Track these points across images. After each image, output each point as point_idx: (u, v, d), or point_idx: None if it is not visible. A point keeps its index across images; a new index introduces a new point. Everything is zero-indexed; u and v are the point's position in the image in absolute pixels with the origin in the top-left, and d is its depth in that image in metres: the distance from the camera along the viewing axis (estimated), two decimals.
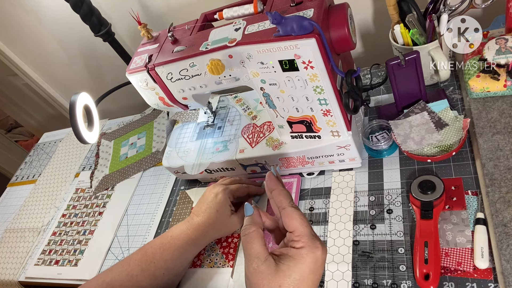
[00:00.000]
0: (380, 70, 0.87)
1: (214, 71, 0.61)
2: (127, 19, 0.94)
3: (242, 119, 0.81)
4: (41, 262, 0.89)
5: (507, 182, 0.55)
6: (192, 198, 0.83)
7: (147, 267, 0.63)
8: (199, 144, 0.81)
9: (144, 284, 0.63)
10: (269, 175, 0.51)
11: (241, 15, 0.64)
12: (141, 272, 0.63)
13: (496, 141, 0.60)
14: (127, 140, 1.07)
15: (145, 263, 0.63)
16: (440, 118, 0.66)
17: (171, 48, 0.66)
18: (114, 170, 1.01)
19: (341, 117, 0.63)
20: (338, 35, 0.56)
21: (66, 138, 1.24)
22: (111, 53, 1.04)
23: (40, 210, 1.03)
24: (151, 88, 0.70)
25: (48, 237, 0.94)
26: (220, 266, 0.69)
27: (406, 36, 0.70)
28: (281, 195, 0.49)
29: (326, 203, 0.69)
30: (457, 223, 0.57)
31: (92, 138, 0.75)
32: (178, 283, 0.69)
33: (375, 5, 0.89)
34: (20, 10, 1.15)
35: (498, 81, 0.63)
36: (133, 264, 0.64)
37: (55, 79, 1.42)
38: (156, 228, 0.81)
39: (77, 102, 0.71)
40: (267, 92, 0.64)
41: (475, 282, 0.51)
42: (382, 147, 0.69)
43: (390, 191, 0.65)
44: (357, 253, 0.61)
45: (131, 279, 0.62)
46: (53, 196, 1.05)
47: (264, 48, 0.56)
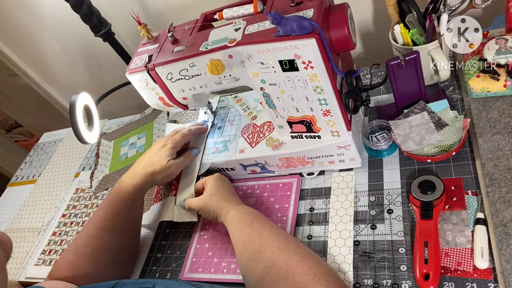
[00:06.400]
0: (380, 70, 0.87)
1: (214, 71, 0.61)
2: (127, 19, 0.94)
3: (242, 119, 0.81)
4: (41, 262, 0.89)
5: (507, 182, 0.55)
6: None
7: (103, 225, 0.69)
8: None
9: (107, 238, 0.69)
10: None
11: (241, 15, 0.64)
12: (99, 231, 0.68)
13: (496, 141, 0.60)
14: (127, 140, 1.07)
15: (100, 222, 0.69)
16: (440, 118, 0.66)
17: (171, 48, 0.66)
18: (114, 170, 1.01)
19: (341, 117, 0.63)
20: (338, 35, 0.56)
21: (66, 138, 1.24)
22: (111, 53, 1.04)
23: (40, 210, 1.03)
24: (151, 88, 0.70)
25: (48, 237, 0.94)
26: (166, 196, 0.79)
27: (406, 36, 0.70)
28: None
29: (326, 203, 0.69)
30: (457, 223, 0.57)
31: (92, 138, 0.75)
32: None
33: (375, 5, 0.89)
34: (20, 10, 1.15)
35: (498, 81, 0.63)
36: (90, 226, 0.69)
37: (55, 79, 1.42)
38: (156, 228, 0.81)
39: (77, 102, 0.71)
40: (267, 92, 0.64)
41: (475, 282, 0.51)
42: (382, 147, 0.69)
43: (390, 191, 0.65)
44: (357, 253, 0.61)
45: (92, 238, 0.68)
46: (53, 196, 1.05)
47: (264, 48, 0.56)
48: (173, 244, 0.77)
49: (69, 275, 0.66)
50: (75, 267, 0.66)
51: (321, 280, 0.50)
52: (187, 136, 0.77)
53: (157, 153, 0.73)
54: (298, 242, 0.57)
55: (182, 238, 0.77)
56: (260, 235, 0.58)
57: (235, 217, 0.63)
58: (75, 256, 0.67)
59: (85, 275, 0.66)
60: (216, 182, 0.70)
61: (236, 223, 0.62)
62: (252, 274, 0.56)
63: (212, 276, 0.68)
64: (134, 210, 0.73)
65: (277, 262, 0.53)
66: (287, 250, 0.55)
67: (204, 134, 0.82)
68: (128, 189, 0.70)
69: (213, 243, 0.73)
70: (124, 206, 0.70)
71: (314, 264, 0.52)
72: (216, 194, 0.68)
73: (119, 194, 0.70)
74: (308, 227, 0.67)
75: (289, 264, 0.53)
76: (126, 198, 0.70)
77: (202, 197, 0.69)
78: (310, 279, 0.50)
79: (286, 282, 0.51)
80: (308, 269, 0.51)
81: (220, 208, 0.66)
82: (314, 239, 0.65)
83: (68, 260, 0.67)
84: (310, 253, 0.55)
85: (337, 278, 0.52)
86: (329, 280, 0.50)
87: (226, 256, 0.70)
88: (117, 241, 0.70)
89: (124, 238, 0.72)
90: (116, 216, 0.69)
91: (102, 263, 0.68)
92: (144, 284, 0.51)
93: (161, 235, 0.80)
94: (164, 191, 0.81)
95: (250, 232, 0.59)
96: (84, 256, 0.67)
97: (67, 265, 0.67)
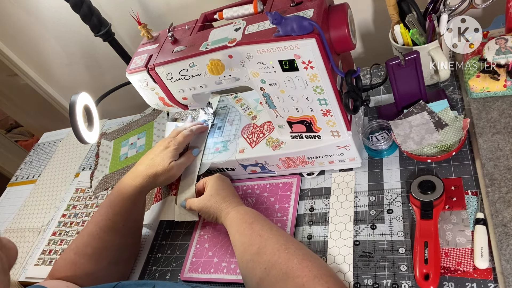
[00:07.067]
0: (380, 70, 0.87)
1: (214, 71, 0.61)
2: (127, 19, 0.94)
3: (242, 119, 0.81)
4: (41, 262, 0.89)
5: (507, 182, 0.55)
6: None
7: (105, 224, 0.69)
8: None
9: (108, 238, 0.69)
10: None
11: (241, 15, 0.64)
12: (100, 230, 0.68)
13: (496, 141, 0.60)
14: (127, 140, 1.07)
15: (101, 221, 0.69)
16: (440, 118, 0.66)
17: (171, 48, 0.66)
18: (114, 170, 1.01)
19: (341, 117, 0.63)
20: (338, 35, 0.56)
21: (66, 138, 1.24)
22: (111, 53, 1.04)
23: (40, 210, 1.03)
24: (151, 88, 0.70)
25: (48, 237, 0.94)
26: (166, 195, 0.79)
27: (406, 36, 0.70)
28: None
29: (326, 203, 0.69)
30: (457, 223, 0.57)
31: (92, 138, 0.75)
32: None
33: (375, 5, 0.89)
34: (20, 10, 1.15)
35: (498, 81, 0.63)
36: (91, 226, 0.70)
37: (55, 79, 1.42)
38: (156, 228, 0.81)
39: (77, 102, 0.71)
40: (267, 92, 0.64)
41: (475, 282, 0.51)
42: (382, 147, 0.69)
43: (390, 191, 0.65)
44: (357, 253, 0.61)
45: (93, 238, 0.68)
46: (53, 196, 1.05)
47: (264, 48, 0.56)
48: (173, 244, 0.77)
49: (70, 274, 0.66)
50: (76, 266, 0.66)
51: (321, 282, 0.50)
52: (189, 137, 0.77)
53: (160, 155, 0.73)
54: (298, 244, 0.57)
55: (182, 238, 0.77)
56: (260, 236, 0.58)
57: (235, 218, 0.63)
58: (76, 255, 0.67)
59: (86, 274, 0.66)
60: (216, 182, 0.71)
61: (236, 224, 0.62)
62: (252, 275, 0.56)
63: (212, 276, 0.68)
64: (135, 210, 0.73)
65: (277, 263, 0.53)
66: (287, 251, 0.54)
67: (204, 133, 0.82)
68: (129, 190, 0.70)
69: (213, 243, 0.73)
70: (126, 206, 0.70)
71: (314, 265, 0.52)
72: (216, 195, 0.68)
73: (120, 194, 0.70)
74: (308, 227, 0.67)
75: (289, 266, 0.52)
76: (128, 199, 0.70)
77: (202, 198, 0.69)
78: (310, 281, 0.50)
79: (286, 283, 0.51)
80: (308, 271, 0.51)
81: (220, 209, 0.66)
82: (314, 239, 0.65)
83: (69, 259, 0.67)
84: (310, 254, 0.55)
85: (337, 280, 0.52)
86: (329, 282, 0.50)
87: (226, 256, 0.70)
88: (118, 241, 0.70)
89: (125, 238, 0.72)
90: (118, 216, 0.69)
91: (103, 262, 0.68)
92: (144, 286, 0.51)
93: (161, 235, 0.80)
94: (164, 190, 0.81)
95: (250, 233, 0.59)
96: (85, 256, 0.67)
97: (68, 264, 0.67)
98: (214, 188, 0.69)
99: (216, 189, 0.69)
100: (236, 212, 0.64)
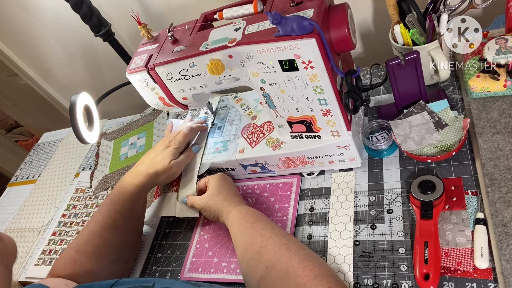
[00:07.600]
0: (380, 70, 0.87)
1: (214, 71, 0.61)
2: (127, 19, 0.94)
3: (242, 119, 0.81)
4: (41, 262, 0.89)
5: (507, 182, 0.55)
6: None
7: (105, 223, 0.69)
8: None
9: (109, 236, 0.69)
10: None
11: (241, 15, 0.64)
12: (101, 228, 0.69)
13: (496, 141, 0.60)
14: (127, 140, 1.07)
15: (102, 219, 0.69)
16: (440, 118, 0.66)
17: (171, 48, 0.66)
18: (114, 170, 1.01)
19: (341, 117, 0.63)
20: (338, 35, 0.56)
21: (66, 138, 1.24)
22: (111, 53, 1.04)
23: (40, 210, 1.03)
24: (151, 88, 0.70)
25: (48, 237, 0.94)
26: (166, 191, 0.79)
27: (406, 36, 0.70)
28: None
29: (326, 203, 0.69)
30: (457, 223, 0.57)
31: (92, 138, 0.75)
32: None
33: (375, 5, 0.89)
34: (20, 10, 1.15)
35: (498, 81, 0.63)
36: (92, 224, 0.70)
37: (55, 79, 1.42)
38: (156, 228, 0.81)
39: (77, 102, 0.71)
40: (267, 92, 0.64)
41: (475, 282, 0.51)
42: (382, 147, 0.69)
43: (390, 191, 0.65)
44: (357, 253, 0.61)
45: (94, 236, 0.68)
46: (53, 196, 1.05)
47: (264, 48, 0.56)
48: (173, 244, 0.77)
49: (70, 272, 0.66)
50: (77, 264, 0.66)
51: (322, 281, 0.50)
52: (189, 135, 0.78)
53: (160, 154, 0.73)
54: (299, 243, 0.57)
55: (182, 238, 0.77)
56: (261, 235, 0.58)
57: (236, 218, 0.63)
58: (77, 253, 0.67)
59: (86, 272, 0.66)
60: (218, 181, 0.71)
61: (237, 223, 0.62)
62: (253, 274, 0.56)
63: (212, 276, 0.68)
64: (136, 208, 0.73)
65: (278, 263, 0.53)
66: (288, 251, 0.55)
67: (205, 131, 0.82)
68: (130, 188, 0.70)
69: (213, 243, 0.73)
70: (127, 205, 0.70)
71: (315, 265, 0.52)
72: (218, 194, 0.68)
73: (121, 193, 0.70)
74: (308, 227, 0.67)
75: (290, 265, 0.53)
76: (129, 197, 0.70)
77: (204, 197, 0.69)
78: (311, 281, 0.50)
79: (287, 283, 0.51)
80: (309, 271, 0.51)
81: (221, 208, 0.66)
82: (314, 239, 0.65)
83: (70, 257, 0.67)
84: (311, 254, 0.55)
85: (338, 280, 0.52)
86: (330, 282, 0.50)
87: (226, 256, 0.70)
88: (119, 239, 0.70)
89: (126, 236, 0.72)
90: (119, 214, 0.69)
91: (104, 260, 0.68)
92: (144, 283, 0.51)
93: (161, 235, 0.80)
94: (164, 186, 0.81)
95: (251, 232, 0.59)
96: (85, 254, 0.67)
97: (68, 262, 0.67)
98: (216, 187, 0.69)
99: (218, 188, 0.69)
100: (238, 211, 0.64)
